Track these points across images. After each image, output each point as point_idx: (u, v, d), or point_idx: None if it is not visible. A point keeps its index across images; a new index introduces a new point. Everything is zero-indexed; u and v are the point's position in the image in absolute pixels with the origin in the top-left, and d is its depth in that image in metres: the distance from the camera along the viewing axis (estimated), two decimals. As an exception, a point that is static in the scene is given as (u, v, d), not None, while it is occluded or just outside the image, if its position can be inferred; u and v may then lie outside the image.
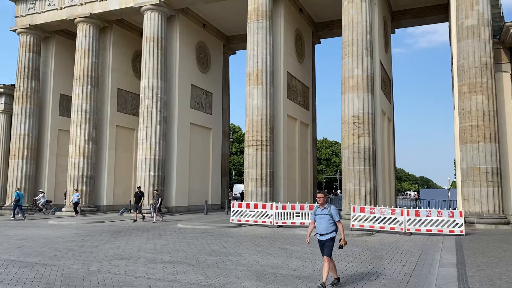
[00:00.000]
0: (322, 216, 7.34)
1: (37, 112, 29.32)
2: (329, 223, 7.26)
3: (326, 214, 7.31)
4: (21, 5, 29.51)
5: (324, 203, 7.39)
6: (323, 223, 7.31)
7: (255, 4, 22.59)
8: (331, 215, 7.25)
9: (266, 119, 21.91)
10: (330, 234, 7.25)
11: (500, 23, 20.38)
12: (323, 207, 7.36)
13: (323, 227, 7.30)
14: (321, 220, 7.34)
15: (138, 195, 21.12)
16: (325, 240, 7.27)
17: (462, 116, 18.11)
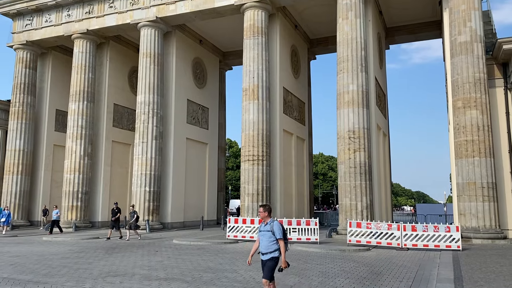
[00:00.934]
0: (264, 233, 6.61)
1: (33, 127, 29.26)
2: (271, 240, 6.51)
3: (267, 230, 6.56)
4: (18, 21, 29.69)
5: (266, 218, 6.63)
6: (264, 241, 6.58)
7: (251, 20, 22.84)
8: (273, 232, 6.50)
9: (262, 134, 21.95)
10: (271, 253, 6.48)
11: (493, 39, 20.70)
12: (266, 223, 6.62)
13: (264, 245, 6.57)
14: (263, 238, 6.61)
15: (115, 211, 20.26)
16: (266, 260, 6.55)
17: (457, 131, 18.23)
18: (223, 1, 23.56)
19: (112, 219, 20.03)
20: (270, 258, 6.49)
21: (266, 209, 6.69)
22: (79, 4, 27.47)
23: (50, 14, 28.55)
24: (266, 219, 6.66)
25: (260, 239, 6.65)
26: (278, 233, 6.45)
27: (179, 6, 24.68)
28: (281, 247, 6.45)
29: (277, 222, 6.60)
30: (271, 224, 6.56)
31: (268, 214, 6.65)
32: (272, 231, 6.50)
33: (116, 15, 26.41)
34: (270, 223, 6.59)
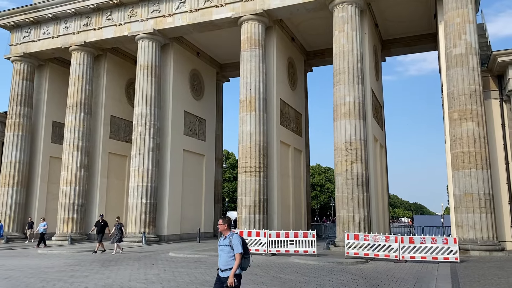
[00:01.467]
0: (223, 248, 6.17)
1: (29, 139, 29.18)
2: (230, 256, 6.07)
3: (226, 245, 6.11)
4: (16, 34, 29.78)
5: (226, 231, 6.21)
6: (223, 256, 6.13)
7: (248, 33, 23.00)
8: (232, 246, 6.05)
9: (259, 146, 21.95)
10: (231, 270, 5.99)
11: (488, 51, 20.90)
12: (225, 236, 6.20)
13: (222, 261, 6.14)
14: (221, 252, 6.18)
15: (101, 224, 19.82)
16: (225, 277, 6.03)
17: (454, 142, 18.29)
18: (220, 14, 23.74)
19: (101, 234, 19.47)
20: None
21: (225, 221, 6.30)
22: (77, 17, 27.61)
23: (48, 26, 28.68)
24: (226, 232, 6.25)
25: (219, 254, 6.24)
26: (237, 247, 6.01)
27: (177, 18, 24.85)
28: (236, 260, 6.00)
29: (237, 236, 6.20)
30: (230, 238, 6.14)
31: (227, 227, 6.25)
32: (231, 246, 6.09)
33: (113, 28, 26.55)
34: (229, 237, 6.16)
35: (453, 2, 19.08)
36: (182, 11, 24.66)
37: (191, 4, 24.48)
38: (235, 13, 23.31)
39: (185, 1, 24.67)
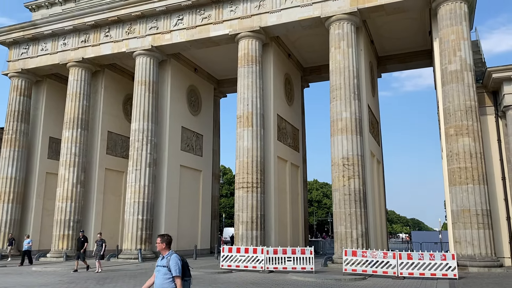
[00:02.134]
0: (159, 268, 5.67)
1: (25, 155, 29.05)
2: (166, 278, 5.55)
3: (163, 266, 5.61)
4: (14, 50, 29.92)
5: (164, 250, 5.70)
6: (159, 278, 5.61)
7: (245, 50, 23.19)
8: (169, 268, 5.54)
9: (256, 161, 21.93)
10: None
11: (482, 68, 21.14)
12: (163, 256, 5.68)
13: (158, 284, 5.61)
14: (158, 274, 5.67)
15: (81, 240, 19.06)
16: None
17: (450, 158, 18.34)
18: (218, 31, 23.95)
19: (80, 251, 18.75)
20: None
21: (164, 239, 5.77)
22: (75, 33, 27.80)
23: (46, 43, 28.83)
24: (164, 251, 5.74)
25: (155, 276, 5.73)
26: (174, 269, 5.50)
27: (175, 35, 25.05)
28: (177, 284, 5.54)
29: (175, 256, 5.68)
30: (168, 258, 5.61)
31: (166, 245, 5.73)
32: (168, 267, 5.57)
33: (111, 44, 26.72)
34: (167, 257, 5.64)
35: (447, 19, 19.36)
36: (180, 28, 24.88)
37: (189, 21, 24.72)
38: (232, 30, 23.54)
39: (183, 18, 24.92)
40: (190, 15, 24.73)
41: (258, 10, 23.10)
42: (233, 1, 23.70)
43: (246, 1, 23.44)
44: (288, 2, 22.50)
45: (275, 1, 22.78)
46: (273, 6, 22.77)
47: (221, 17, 23.96)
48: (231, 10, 23.78)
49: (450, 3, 19.36)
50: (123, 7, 25.72)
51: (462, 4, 19.33)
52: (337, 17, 21.32)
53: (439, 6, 19.78)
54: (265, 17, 22.95)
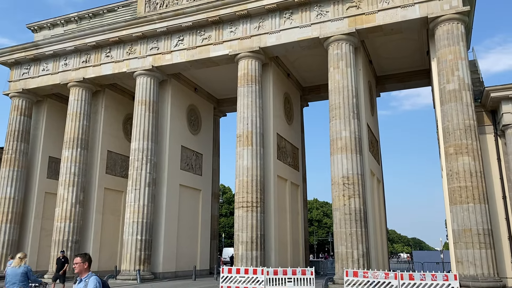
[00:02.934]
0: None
1: (25, 174, 28.97)
2: None
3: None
4: (15, 70, 30.16)
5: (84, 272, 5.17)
6: None
7: (245, 69, 23.39)
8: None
9: (256, 180, 21.86)
10: None
11: (480, 87, 21.30)
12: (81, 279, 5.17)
13: None
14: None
15: (61, 261, 18.23)
16: None
17: (450, 177, 18.30)
18: (218, 51, 24.21)
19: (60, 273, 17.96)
20: None
21: (86, 258, 5.26)
22: (76, 54, 28.07)
23: (47, 63, 29.09)
24: (84, 273, 5.19)
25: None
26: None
27: (175, 55, 25.30)
28: None
29: (95, 278, 5.18)
30: (86, 281, 5.08)
31: (88, 266, 5.21)
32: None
33: (112, 64, 26.96)
34: (85, 280, 5.12)
35: (445, 39, 19.60)
36: (180, 48, 25.14)
37: (189, 42, 25.00)
38: (232, 51, 23.78)
39: (183, 39, 25.20)
40: (191, 36, 25.03)
41: (258, 31, 23.40)
42: (233, 22, 24.03)
43: (246, 22, 23.76)
44: (287, 23, 22.80)
45: (274, 22, 23.09)
46: (272, 27, 23.07)
47: (221, 37, 24.25)
48: (231, 31, 24.08)
49: (447, 24, 19.63)
50: (124, 28, 26.04)
51: (459, 24, 19.60)
52: (336, 38, 21.58)
53: (436, 27, 20.05)
54: (264, 37, 23.22)
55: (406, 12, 20.42)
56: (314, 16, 22.28)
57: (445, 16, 19.60)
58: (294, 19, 22.68)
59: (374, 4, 21.09)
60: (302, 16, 22.54)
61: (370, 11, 21.07)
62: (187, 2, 25.50)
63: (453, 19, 19.52)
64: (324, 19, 22.01)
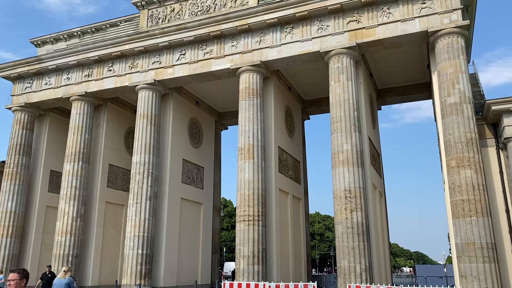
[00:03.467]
0: None
1: (26, 188, 28.96)
2: None
3: None
4: (18, 84, 30.36)
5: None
6: None
7: (246, 83, 23.52)
8: None
9: (258, 193, 21.80)
10: None
11: (481, 100, 21.36)
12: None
13: None
14: None
15: (48, 276, 17.55)
16: None
17: (453, 190, 18.23)
18: (219, 65, 24.37)
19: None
20: None
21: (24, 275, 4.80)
22: (79, 68, 28.28)
23: (50, 77, 29.29)
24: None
25: None
26: None
27: (177, 69, 25.47)
28: None
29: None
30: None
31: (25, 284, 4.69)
32: None
33: (114, 78, 27.13)
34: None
35: (445, 53, 19.71)
36: (182, 62, 25.33)
37: (191, 56, 25.19)
38: (233, 64, 23.94)
39: (185, 53, 25.40)
40: (193, 50, 25.23)
41: (259, 45, 23.58)
42: (234, 37, 24.24)
43: (247, 37, 23.97)
44: (288, 37, 22.99)
45: (276, 37, 23.29)
46: (274, 41, 23.26)
47: (222, 52, 24.44)
48: (233, 45, 24.28)
49: (447, 38, 19.77)
50: (127, 43, 26.27)
51: (459, 38, 19.73)
52: (336, 52, 21.73)
53: (436, 40, 20.19)
54: (265, 51, 23.40)
55: (406, 26, 20.58)
56: (314, 30, 22.47)
57: (445, 30, 19.75)
58: (295, 33, 22.88)
59: (374, 18, 21.29)
60: (302, 30, 22.73)
61: (370, 25, 21.25)
62: (189, 17, 25.76)
63: (453, 33, 19.66)
64: (324, 33, 22.19)
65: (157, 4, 26.76)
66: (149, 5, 26.97)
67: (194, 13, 25.72)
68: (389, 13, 21.01)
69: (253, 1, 24.18)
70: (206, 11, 25.44)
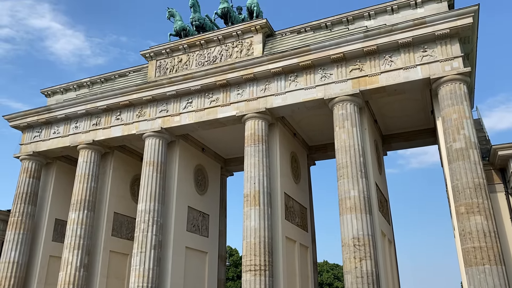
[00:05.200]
0: None
1: (30, 238, 28.66)
2: None
3: None
4: (27, 134, 30.84)
5: None
6: None
7: (251, 129, 23.74)
8: None
9: (264, 242, 21.37)
10: None
11: (487, 145, 21.34)
12: None
13: None
14: None
15: None
16: None
17: (463, 237, 17.81)
18: (225, 113, 24.73)
19: None
20: None
21: None
22: (87, 117, 28.78)
23: (58, 126, 29.77)
24: None
25: None
26: None
27: (184, 117, 25.84)
28: None
29: None
30: None
31: None
32: None
33: (122, 126, 27.52)
34: None
35: (448, 99, 19.92)
36: (189, 110, 25.75)
37: (198, 104, 25.64)
38: (239, 112, 24.29)
39: (192, 101, 25.88)
40: (199, 98, 25.72)
41: (264, 92, 24.03)
42: (240, 85, 24.76)
43: (253, 85, 24.47)
44: (293, 85, 23.44)
45: (280, 85, 23.76)
46: (278, 89, 23.71)
47: (228, 99, 24.88)
48: (238, 93, 24.75)
49: (450, 84, 20.04)
50: (135, 92, 26.88)
51: (461, 85, 20.00)
52: (340, 99, 22.05)
53: (439, 87, 20.47)
54: (270, 99, 23.79)
55: (409, 73, 20.96)
56: (318, 78, 22.93)
57: (447, 77, 20.07)
58: (299, 81, 23.34)
59: (377, 66, 21.74)
60: (306, 79, 23.21)
61: (373, 73, 21.67)
62: (196, 67, 26.47)
63: (455, 79, 19.96)
64: (328, 81, 22.63)
65: (165, 55, 27.60)
66: (157, 56, 27.83)
67: (201, 63, 26.45)
68: (391, 61, 21.48)
69: (258, 51, 24.90)
70: (212, 61, 26.17)
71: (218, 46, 26.32)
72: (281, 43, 24.90)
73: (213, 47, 26.46)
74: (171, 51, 27.46)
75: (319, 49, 22.57)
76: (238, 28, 25.65)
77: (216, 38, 26.19)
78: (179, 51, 27.27)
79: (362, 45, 21.71)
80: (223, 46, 26.18)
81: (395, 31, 21.11)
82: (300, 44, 23.81)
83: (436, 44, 20.72)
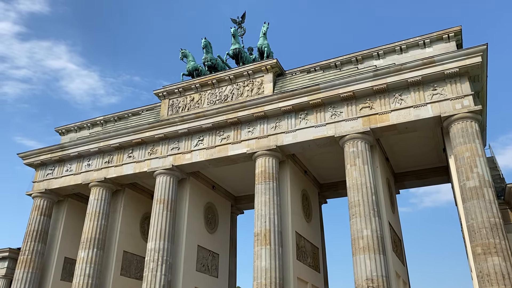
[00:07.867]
0: None
1: (38, 277, 28.33)
2: None
3: None
4: (40, 171, 31.14)
5: None
6: None
7: (262, 167, 23.71)
8: None
9: (275, 283, 20.84)
10: None
11: (502, 184, 20.96)
12: None
13: None
14: None
15: None
16: None
17: (481, 279, 17.19)
18: (236, 150, 24.83)
19: None
20: None
21: None
22: (100, 155, 29.08)
23: (71, 164, 30.06)
24: None
25: None
26: None
27: (195, 155, 25.98)
28: None
29: None
30: None
31: None
32: None
33: (134, 164, 27.70)
34: None
35: (460, 137, 19.78)
36: (200, 148, 25.92)
37: (209, 142, 25.83)
38: (250, 149, 24.37)
39: (203, 139, 26.08)
40: (210, 136, 25.94)
41: (275, 130, 24.17)
42: (250, 123, 24.97)
43: (263, 123, 24.67)
44: (303, 123, 23.57)
45: (291, 122, 23.91)
46: (289, 127, 23.84)
47: (239, 137, 25.04)
48: (249, 131, 24.92)
49: (461, 122, 19.96)
50: (147, 130, 27.22)
51: (472, 123, 19.91)
52: (351, 136, 22.05)
53: (450, 125, 20.40)
54: (281, 136, 23.89)
55: (419, 111, 20.98)
56: (328, 116, 23.05)
57: (458, 115, 20.03)
58: (309, 119, 23.48)
59: (387, 104, 21.83)
60: (317, 116, 23.34)
61: (383, 111, 21.73)
62: (207, 106, 26.86)
63: (467, 117, 19.90)
64: (338, 119, 22.72)
65: (178, 94, 28.12)
66: (170, 95, 28.35)
67: (213, 102, 26.86)
68: (401, 99, 21.57)
69: (269, 90, 25.26)
70: (224, 100, 26.56)
71: (230, 85, 26.79)
72: (291, 82, 25.26)
73: (224, 86, 26.93)
74: (184, 90, 27.98)
75: (328, 88, 22.82)
76: (249, 68, 26.17)
77: (228, 77, 26.71)
78: (192, 90, 27.79)
79: (371, 83, 21.92)
80: (235, 85, 26.64)
81: (404, 70, 21.33)
82: (310, 83, 24.13)
83: (446, 83, 20.83)
